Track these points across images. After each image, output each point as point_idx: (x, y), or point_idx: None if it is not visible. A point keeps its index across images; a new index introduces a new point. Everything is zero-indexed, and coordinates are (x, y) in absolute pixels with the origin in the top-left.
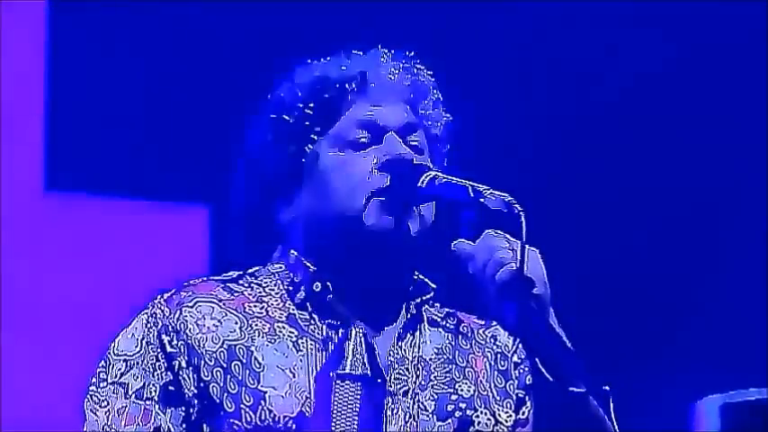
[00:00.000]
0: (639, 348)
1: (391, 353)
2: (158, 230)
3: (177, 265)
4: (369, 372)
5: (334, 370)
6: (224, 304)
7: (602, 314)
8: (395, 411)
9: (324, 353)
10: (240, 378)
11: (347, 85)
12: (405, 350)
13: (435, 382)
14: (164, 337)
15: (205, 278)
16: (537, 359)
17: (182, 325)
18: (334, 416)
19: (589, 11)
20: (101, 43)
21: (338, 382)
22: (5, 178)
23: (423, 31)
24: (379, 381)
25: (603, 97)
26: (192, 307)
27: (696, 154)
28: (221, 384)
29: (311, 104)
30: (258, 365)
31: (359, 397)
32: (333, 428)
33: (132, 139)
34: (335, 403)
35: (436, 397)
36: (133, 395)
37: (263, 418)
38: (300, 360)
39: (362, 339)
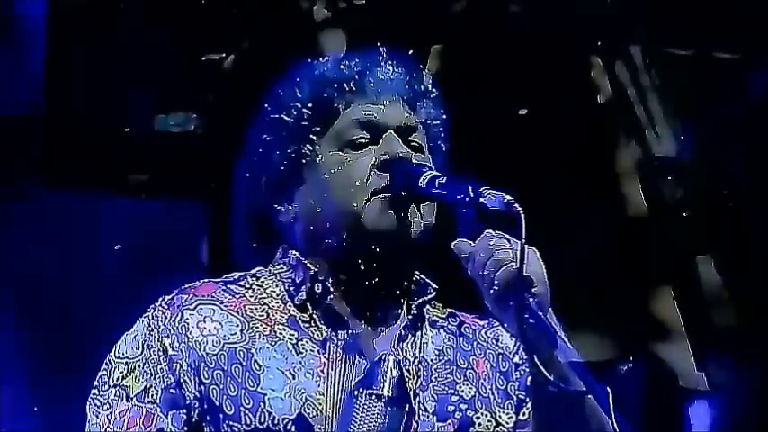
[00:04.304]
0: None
1: (392, 354)
2: (156, 228)
3: (174, 263)
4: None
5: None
6: (225, 306)
7: None
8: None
9: (324, 354)
10: (240, 380)
11: (346, 85)
12: (406, 351)
13: (436, 383)
14: (165, 339)
15: (206, 280)
16: (536, 358)
17: (183, 327)
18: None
19: None
20: (100, 42)
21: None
22: (6, 176)
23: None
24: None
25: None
26: (193, 309)
27: None
28: (221, 386)
29: (310, 104)
30: (258, 367)
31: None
32: None
33: (130, 138)
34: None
35: (437, 398)
36: (135, 398)
37: (262, 420)
38: (300, 362)
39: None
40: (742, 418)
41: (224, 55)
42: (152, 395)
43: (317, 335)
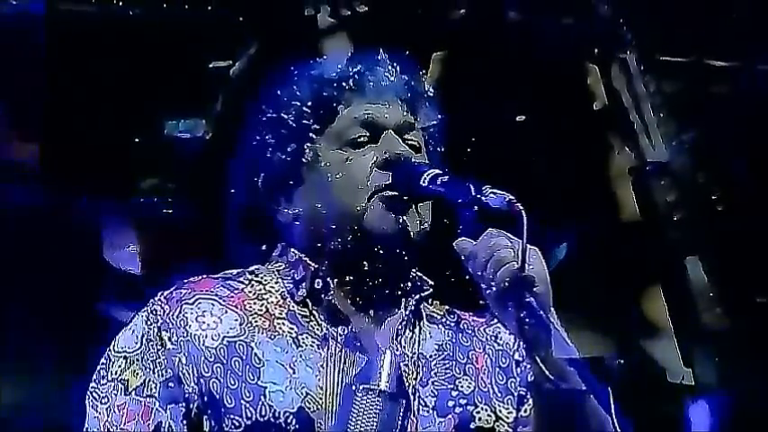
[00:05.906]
0: None
1: (390, 349)
2: (155, 228)
3: (174, 262)
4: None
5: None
6: (224, 301)
7: None
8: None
9: (324, 350)
10: (240, 374)
11: (345, 84)
12: (404, 347)
13: (436, 378)
14: (164, 333)
15: (205, 276)
16: (537, 357)
17: (182, 321)
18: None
19: None
20: (98, 42)
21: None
22: (5, 175)
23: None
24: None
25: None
26: (192, 304)
27: None
28: (221, 380)
29: (310, 102)
30: (258, 361)
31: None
32: None
33: (129, 138)
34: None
35: (437, 393)
36: (133, 392)
37: (263, 413)
38: (300, 356)
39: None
40: (736, 417)
41: (231, 62)
42: (150, 389)
43: (317, 330)
